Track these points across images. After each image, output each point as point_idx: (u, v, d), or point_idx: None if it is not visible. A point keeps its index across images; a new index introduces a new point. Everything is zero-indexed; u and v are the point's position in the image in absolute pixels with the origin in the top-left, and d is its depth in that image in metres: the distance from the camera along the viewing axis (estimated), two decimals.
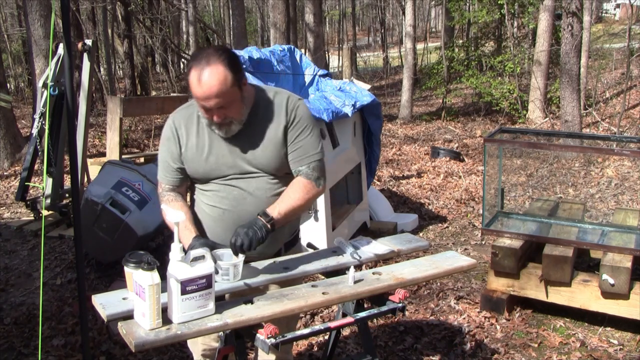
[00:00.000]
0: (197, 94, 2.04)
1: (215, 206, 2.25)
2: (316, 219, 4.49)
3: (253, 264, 2.26)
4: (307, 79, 5.26)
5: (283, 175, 2.25)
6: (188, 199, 2.42)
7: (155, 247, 4.81)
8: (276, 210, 2.14)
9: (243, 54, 4.54)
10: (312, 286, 2.09)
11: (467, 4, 16.41)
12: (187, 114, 2.25)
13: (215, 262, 1.97)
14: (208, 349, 2.40)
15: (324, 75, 5.32)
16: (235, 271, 2.07)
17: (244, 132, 2.18)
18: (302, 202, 2.21)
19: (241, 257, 2.08)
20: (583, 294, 3.58)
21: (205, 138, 2.21)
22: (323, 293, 2.03)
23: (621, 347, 3.44)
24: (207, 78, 2.00)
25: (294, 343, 3.29)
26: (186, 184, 2.31)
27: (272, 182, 2.24)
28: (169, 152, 2.25)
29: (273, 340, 1.81)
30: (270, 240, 2.27)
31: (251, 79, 4.28)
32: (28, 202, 5.86)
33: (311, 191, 2.23)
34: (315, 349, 3.45)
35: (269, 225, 2.10)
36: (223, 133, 2.16)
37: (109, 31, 15.45)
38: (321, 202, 4.46)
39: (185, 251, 1.99)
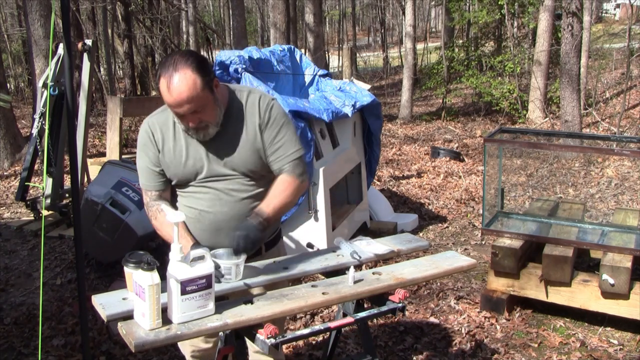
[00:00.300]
0: (168, 101, 2.02)
1: (192, 207, 2.25)
2: (316, 219, 4.49)
3: (253, 263, 2.26)
4: (307, 79, 5.27)
5: (259, 177, 2.25)
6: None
7: (155, 247, 4.81)
8: (268, 209, 2.15)
9: (243, 54, 4.54)
10: (312, 286, 2.09)
11: (467, 4, 16.41)
12: (162, 119, 2.22)
13: (215, 262, 1.98)
14: (197, 349, 2.40)
15: (324, 75, 5.32)
16: (237, 270, 2.07)
17: (219, 134, 2.17)
18: (289, 199, 2.23)
19: (242, 256, 2.08)
20: (583, 294, 3.58)
21: (182, 142, 2.19)
22: (323, 293, 2.03)
23: (621, 347, 3.44)
24: (176, 84, 1.97)
25: (294, 343, 3.30)
26: (170, 187, 2.29)
27: (248, 184, 2.23)
28: (147, 157, 2.23)
29: (273, 340, 1.81)
30: None
31: (251, 79, 4.29)
32: (28, 202, 5.86)
33: (297, 187, 2.24)
34: (315, 349, 3.45)
35: (264, 223, 2.10)
36: (201, 137, 2.14)
37: (109, 31, 15.45)
38: (321, 202, 4.47)
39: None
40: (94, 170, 6.05)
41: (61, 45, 4.95)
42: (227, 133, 2.18)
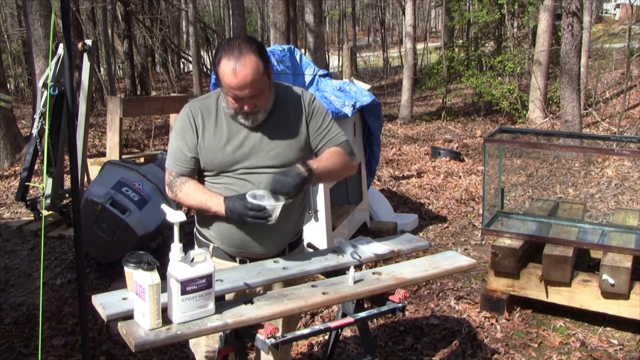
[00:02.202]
0: (230, 83, 2.05)
1: None
2: (316, 219, 4.49)
3: (253, 264, 2.26)
4: (307, 79, 5.26)
5: None
6: None
7: (155, 247, 4.81)
8: (314, 164, 2.14)
9: None
10: (312, 286, 2.09)
11: (467, 4, 16.41)
12: (204, 105, 2.24)
13: (258, 205, 2.02)
14: (211, 350, 2.39)
15: (324, 75, 5.31)
16: (277, 212, 2.06)
17: (264, 124, 2.19)
18: (337, 167, 2.25)
19: (282, 199, 2.06)
20: (583, 294, 3.58)
21: (224, 129, 2.20)
22: (323, 293, 2.03)
23: (621, 347, 3.44)
24: (242, 68, 2.02)
25: (294, 343, 3.30)
26: (194, 177, 2.29)
27: None
28: (184, 141, 2.22)
29: (273, 340, 1.81)
30: (275, 240, 2.28)
31: None
32: (28, 202, 5.86)
33: (346, 161, 2.28)
34: (315, 349, 3.45)
35: (306, 174, 2.08)
36: (250, 122, 2.16)
37: (109, 31, 15.44)
38: (321, 202, 4.47)
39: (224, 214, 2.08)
40: (94, 170, 6.05)
41: (61, 45, 4.95)
42: (273, 123, 2.21)
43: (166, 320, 1.80)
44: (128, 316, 1.85)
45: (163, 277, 1.80)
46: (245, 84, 2.03)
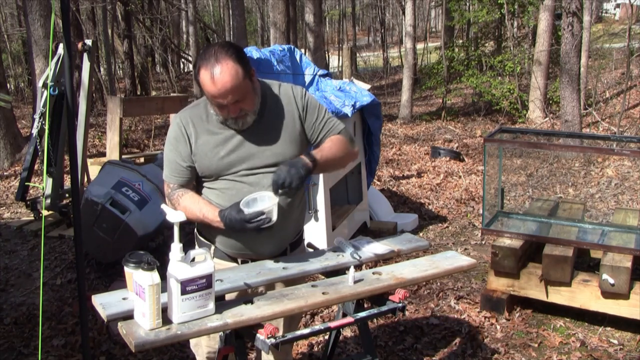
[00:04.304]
0: (211, 92, 2.03)
1: (224, 205, 2.21)
2: (316, 219, 4.50)
3: (253, 263, 2.26)
4: (307, 79, 5.26)
5: None
6: None
7: (155, 247, 4.82)
8: (319, 154, 2.15)
9: None
10: (312, 286, 2.09)
11: (467, 4, 16.41)
12: (194, 113, 2.23)
13: (255, 212, 2.00)
14: (212, 351, 2.39)
15: (324, 75, 5.31)
16: (274, 214, 2.05)
17: (257, 124, 2.18)
18: (341, 155, 2.25)
19: (275, 197, 2.05)
20: (583, 294, 3.58)
21: (216, 135, 2.19)
22: (323, 293, 2.03)
23: (621, 347, 3.44)
24: (220, 75, 2.00)
25: (294, 343, 3.29)
26: (193, 183, 2.29)
27: None
28: (177, 152, 2.21)
29: (273, 340, 1.81)
30: (276, 240, 2.27)
31: None
32: (28, 202, 5.86)
33: (348, 148, 2.28)
34: (315, 349, 3.45)
35: (310, 164, 2.09)
36: (239, 126, 2.15)
37: (109, 31, 15.44)
38: (321, 202, 4.47)
39: (225, 224, 2.06)
40: (94, 170, 6.05)
41: (61, 45, 4.94)
42: (265, 123, 2.20)
43: (166, 320, 1.80)
44: (128, 316, 1.85)
45: (163, 277, 1.80)
46: (225, 91, 2.01)
